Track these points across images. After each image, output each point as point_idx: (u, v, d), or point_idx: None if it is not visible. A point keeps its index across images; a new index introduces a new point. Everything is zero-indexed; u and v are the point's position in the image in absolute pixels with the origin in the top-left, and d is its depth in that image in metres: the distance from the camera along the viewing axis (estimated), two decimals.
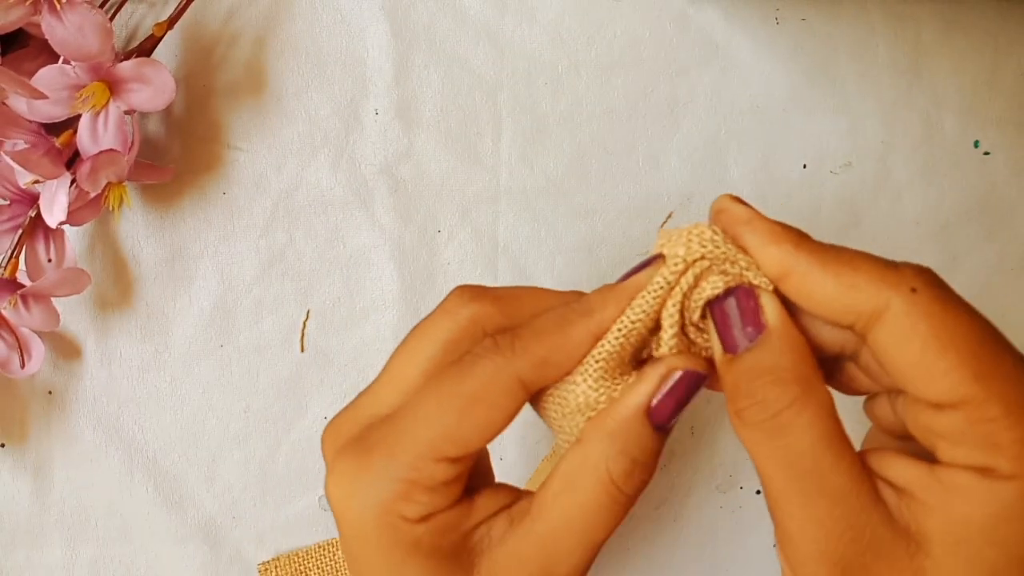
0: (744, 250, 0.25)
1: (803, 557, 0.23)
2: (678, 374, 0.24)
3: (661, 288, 0.25)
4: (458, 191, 0.39)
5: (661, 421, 0.24)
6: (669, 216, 0.26)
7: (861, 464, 0.23)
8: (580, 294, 0.26)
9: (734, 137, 0.40)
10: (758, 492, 0.40)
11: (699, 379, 0.25)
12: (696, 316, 0.25)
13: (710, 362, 0.25)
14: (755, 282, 0.24)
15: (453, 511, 0.24)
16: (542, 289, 0.27)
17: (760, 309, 0.24)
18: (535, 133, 0.39)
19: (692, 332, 0.26)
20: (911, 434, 0.24)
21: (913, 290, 0.22)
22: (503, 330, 0.25)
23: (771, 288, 0.24)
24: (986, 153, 0.41)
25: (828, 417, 0.23)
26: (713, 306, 0.25)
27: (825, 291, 0.23)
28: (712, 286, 0.25)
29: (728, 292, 0.24)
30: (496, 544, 0.24)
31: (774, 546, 0.40)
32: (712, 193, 0.40)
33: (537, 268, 0.40)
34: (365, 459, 0.24)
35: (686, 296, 0.25)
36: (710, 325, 0.25)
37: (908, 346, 0.22)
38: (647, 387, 0.24)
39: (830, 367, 0.26)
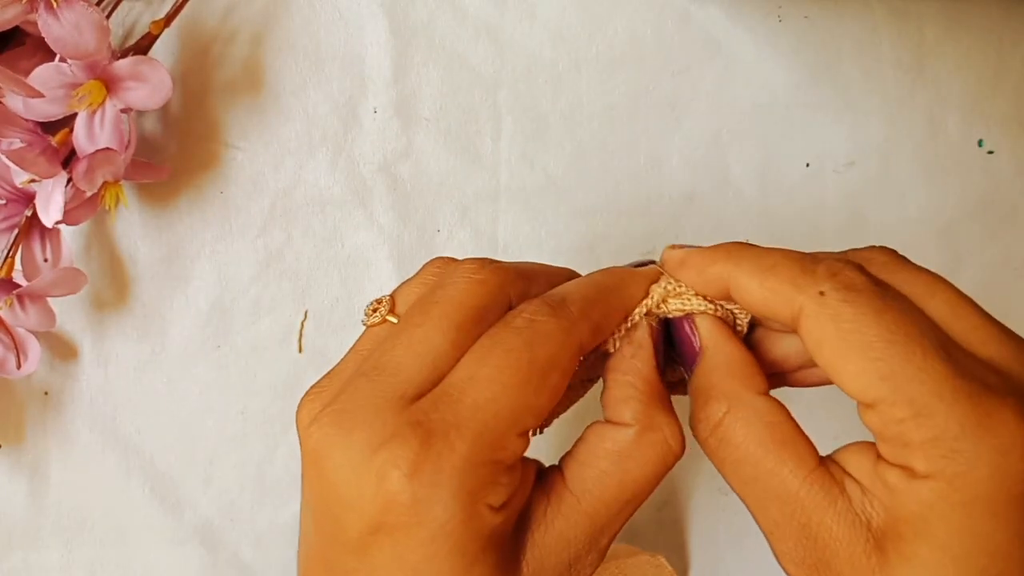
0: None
1: (779, 560, 0.24)
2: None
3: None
4: (458, 190, 0.39)
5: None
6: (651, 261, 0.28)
7: (814, 463, 0.23)
8: (574, 272, 0.27)
9: (736, 136, 0.40)
10: None
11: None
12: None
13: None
14: (702, 309, 0.26)
15: (521, 491, 0.23)
16: (540, 264, 0.27)
17: (695, 333, 0.26)
18: (535, 131, 0.39)
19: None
20: None
21: (821, 293, 0.22)
22: (525, 299, 0.25)
23: (715, 311, 0.25)
24: (990, 152, 0.40)
25: (765, 424, 0.23)
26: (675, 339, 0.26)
27: (754, 297, 0.24)
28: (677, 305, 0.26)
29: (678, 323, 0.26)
30: (539, 526, 0.24)
31: None
32: (714, 192, 0.40)
33: None
34: (430, 445, 0.21)
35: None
36: None
37: (821, 349, 0.22)
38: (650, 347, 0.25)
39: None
